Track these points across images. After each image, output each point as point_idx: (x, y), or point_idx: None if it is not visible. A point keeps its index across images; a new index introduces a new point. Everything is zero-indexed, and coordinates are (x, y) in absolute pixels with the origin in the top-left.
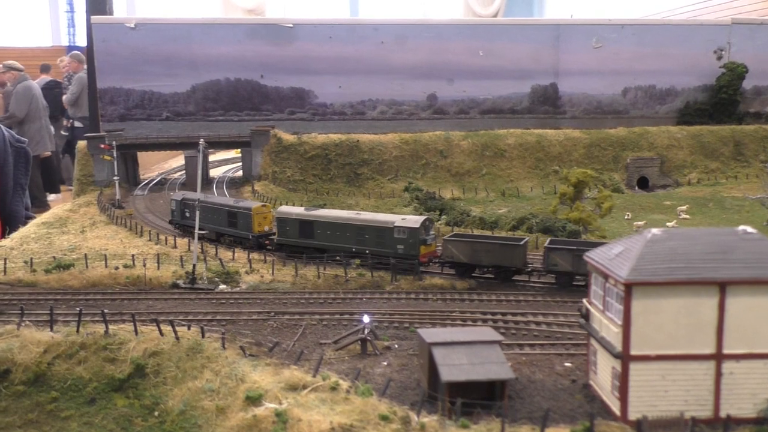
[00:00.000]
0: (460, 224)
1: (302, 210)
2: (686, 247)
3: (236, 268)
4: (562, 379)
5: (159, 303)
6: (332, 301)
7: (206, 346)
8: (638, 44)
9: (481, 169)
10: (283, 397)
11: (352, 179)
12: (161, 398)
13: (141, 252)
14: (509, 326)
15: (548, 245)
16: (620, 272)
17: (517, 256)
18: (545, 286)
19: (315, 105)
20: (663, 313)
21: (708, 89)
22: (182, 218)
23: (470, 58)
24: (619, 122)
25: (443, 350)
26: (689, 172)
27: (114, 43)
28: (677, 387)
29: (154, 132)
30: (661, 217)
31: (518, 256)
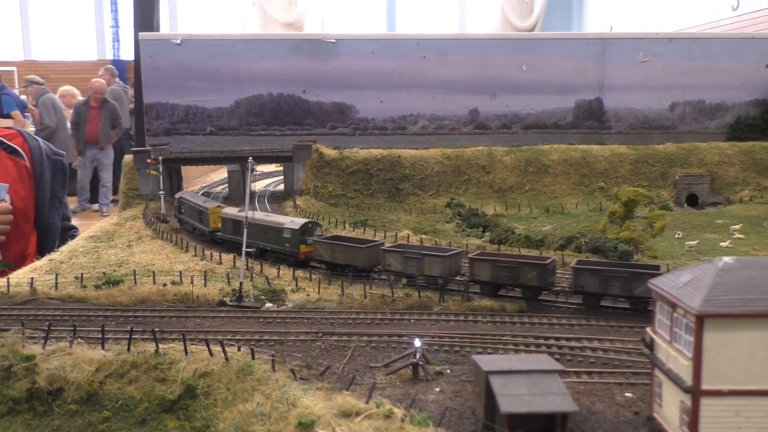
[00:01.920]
0: (504, 242)
1: (236, 211)
2: (762, 277)
3: (282, 286)
4: (623, 410)
5: (207, 321)
6: (379, 322)
7: (256, 368)
8: (686, 58)
9: (525, 185)
10: (336, 424)
11: (393, 194)
12: (212, 421)
13: (187, 268)
14: (564, 351)
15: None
16: (691, 303)
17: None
18: (572, 306)
19: (356, 120)
20: (737, 347)
21: (760, 104)
22: (179, 213)
23: (513, 73)
24: (667, 138)
25: (501, 379)
26: (741, 190)
27: (160, 58)
28: (751, 424)
29: (197, 146)
30: (713, 237)
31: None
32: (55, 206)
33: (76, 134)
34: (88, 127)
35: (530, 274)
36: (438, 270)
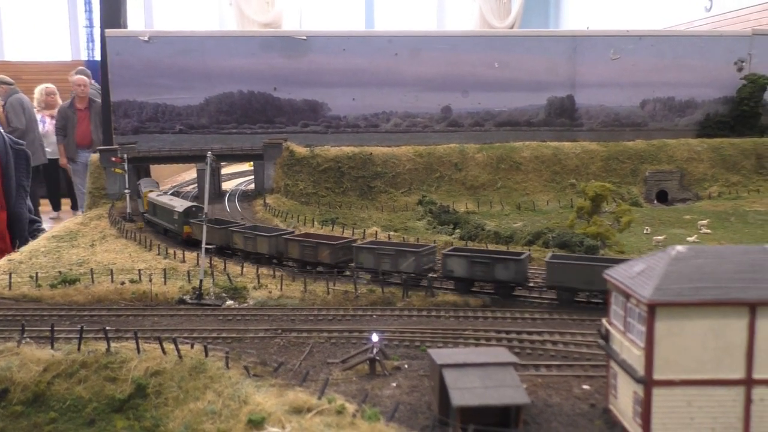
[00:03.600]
0: (474, 238)
1: (154, 195)
2: (714, 265)
3: (244, 283)
4: (580, 403)
5: (164, 319)
6: (341, 318)
7: (209, 365)
8: (657, 55)
9: (497, 182)
10: (286, 421)
11: (365, 192)
12: (162, 420)
13: (149, 266)
14: (524, 345)
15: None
16: (643, 292)
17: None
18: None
19: (328, 117)
20: (689, 336)
21: (729, 101)
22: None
23: (485, 70)
24: (638, 135)
25: (455, 372)
26: (710, 186)
27: (128, 56)
28: (703, 414)
29: (167, 145)
30: (681, 232)
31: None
32: (21, 195)
33: (64, 140)
34: (78, 130)
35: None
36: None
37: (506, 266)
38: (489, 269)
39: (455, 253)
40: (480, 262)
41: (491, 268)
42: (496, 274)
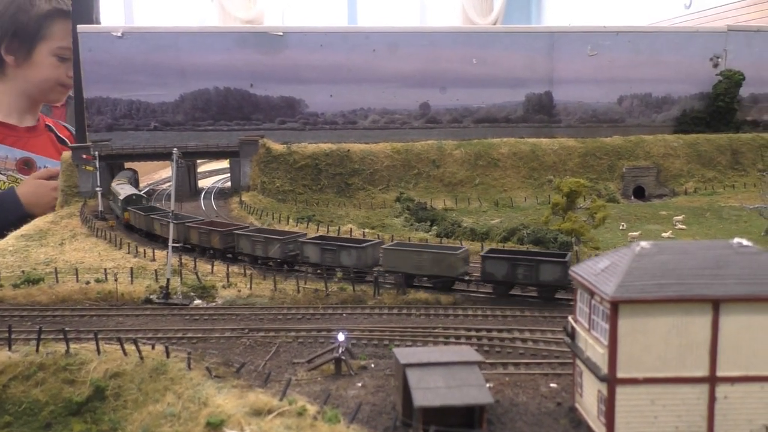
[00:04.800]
0: (451, 235)
1: (115, 183)
2: (677, 261)
3: (213, 282)
4: (546, 401)
5: (129, 320)
6: (311, 317)
7: (171, 366)
8: (633, 52)
9: (474, 178)
10: (246, 423)
11: (342, 189)
12: (120, 423)
13: (118, 265)
14: (494, 343)
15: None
16: (606, 289)
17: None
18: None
19: (306, 114)
20: (652, 333)
21: (704, 97)
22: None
23: (463, 67)
24: (615, 131)
25: (418, 372)
26: (686, 182)
27: (101, 52)
28: (667, 412)
29: (141, 142)
30: (656, 228)
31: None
32: None
33: None
34: None
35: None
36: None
37: (351, 254)
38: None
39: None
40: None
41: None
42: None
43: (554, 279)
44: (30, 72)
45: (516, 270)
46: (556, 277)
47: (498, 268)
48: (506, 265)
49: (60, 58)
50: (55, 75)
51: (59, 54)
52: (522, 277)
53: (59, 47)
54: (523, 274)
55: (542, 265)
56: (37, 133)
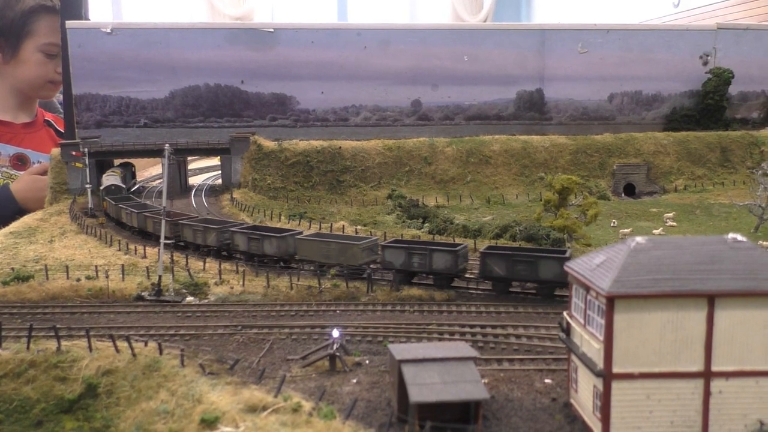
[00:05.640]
0: (443, 232)
1: (105, 175)
2: (672, 256)
3: (205, 279)
4: (541, 397)
5: (121, 317)
6: (304, 314)
7: (164, 363)
8: (624, 49)
9: (466, 176)
10: (240, 420)
11: (334, 186)
12: (112, 421)
13: (108, 262)
14: (488, 339)
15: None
16: (602, 284)
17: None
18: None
19: (297, 111)
20: (647, 328)
21: (694, 95)
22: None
23: (455, 64)
24: (606, 128)
25: (413, 368)
26: (676, 179)
27: (90, 48)
28: (663, 407)
29: (131, 139)
30: (647, 225)
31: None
32: None
33: None
34: None
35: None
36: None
37: (272, 243)
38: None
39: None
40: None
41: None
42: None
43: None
44: (18, 69)
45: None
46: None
47: (394, 257)
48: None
49: (47, 55)
50: (43, 72)
51: (46, 51)
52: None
53: (45, 44)
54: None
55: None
56: (35, 128)
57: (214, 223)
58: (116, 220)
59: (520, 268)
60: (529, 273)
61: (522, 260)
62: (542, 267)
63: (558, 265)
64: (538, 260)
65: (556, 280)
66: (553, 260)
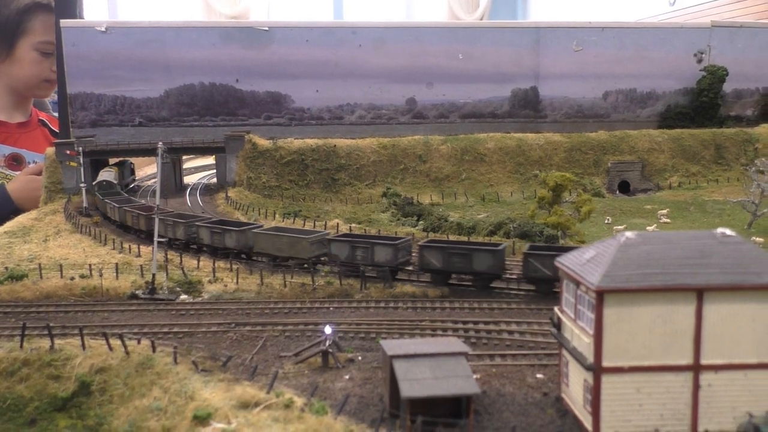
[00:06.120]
0: (438, 230)
1: (102, 170)
2: (662, 251)
3: (199, 277)
4: (533, 392)
5: (115, 315)
6: (297, 311)
7: (157, 360)
8: (619, 47)
9: (461, 173)
10: (233, 416)
11: (329, 185)
12: (106, 418)
13: (102, 261)
14: (481, 336)
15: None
16: (591, 279)
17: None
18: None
19: (292, 110)
20: (637, 322)
21: (689, 93)
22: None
23: (450, 62)
24: (600, 126)
25: (405, 363)
26: (670, 176)
27: (84, 47)
28: (652, 400)
29: (126, 138)
30: (641, 221)
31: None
32: None
33: None
34: None
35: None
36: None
37: (232, 236)
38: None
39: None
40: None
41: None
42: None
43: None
44: (13, 68)
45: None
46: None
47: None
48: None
49: (42, 53)
50: (38, 70)
51: (41, 49)
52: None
53: (41, 42)
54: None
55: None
56: (30, 128)
57: (182, 218)
58: (104, 214)
59: (456, 261)
60: (464, 265)
61: (457, 253)
62: (476, 259)
63: (491, 257)
64: (472, 253)
65: (490, 272)
66: (486, 253)
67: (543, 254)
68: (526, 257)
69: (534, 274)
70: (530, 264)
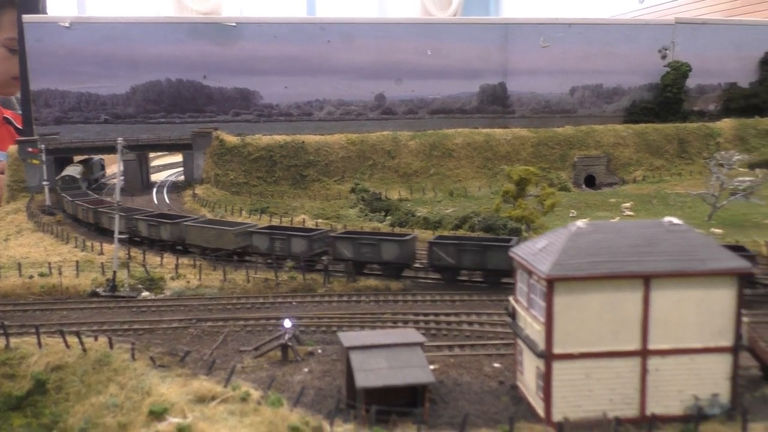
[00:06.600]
0: (405, 224)
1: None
2: (611, 240)
3: (162, 274)
4: (489, 380)
5: (74, 313)
6: (260, 306)
7: (114, 357)
8: (585, 43)
9: (429, 169)
10: (189, 411)
11: (297, 181)
12: (61, 416)
13: (64, 259)
14: (441, 327)
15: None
16: (542, 267)
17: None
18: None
19: (260, 106)
20: (587, 309)
21: (653, 88)
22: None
23: (419, 58)
24: (567, 121)
25: (361, 354)
26: (635, 170)
27: (48, 42)
28: (602, 386)
29: (92, 135)
30: (606, 214)
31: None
32: None
33: None
34: None
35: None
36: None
37: (167, 228)
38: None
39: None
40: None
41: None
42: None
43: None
44: None
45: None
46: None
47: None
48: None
49: (10, 50)
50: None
51: (9, 45)
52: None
53: (8, 38)
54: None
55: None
56: None
57: (123, 211)
58: (62, 208)
59: (366, 251)
60: (374, 255)
61: (366, 243)
62: (384, 249)
63: (398, 247)
64: (381, 243)
65: (398, 261)
66: (393, 243)
67: (446, 243)
68: (430, 246)
69: (438, 263)
70: (434, 253)
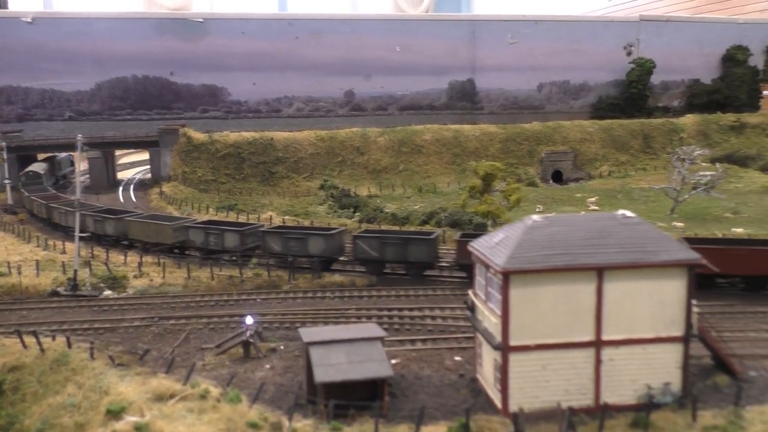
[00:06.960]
0: (373, 221)
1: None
2: (565, 233)
3: (125, 272)
4: (450, 374)
5: (33, 313)
6: (224, 304)
7: (73, 357)
8: (552, 40)
9: (398, 165)
10: (147, 409)
11: (266, 178)
12: (18, 417)
13: (25, 259)
14: (404, 321)
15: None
16: (498, 260)
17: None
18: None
19: (229, 103)
20: (542, 302)
21: (619, 84)
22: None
23: (387, 54)
24: (536, 117)
25: (321, 350)
26: (601, 165)
27: (9, 38)
28: (558, 377)
29: (56, 133)
30: (571, 209)
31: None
32: None
33: None
34: None
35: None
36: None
37: (111, 223)
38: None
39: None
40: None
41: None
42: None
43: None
44: None
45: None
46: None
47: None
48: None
49: None
50: None
51: None
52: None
53: None
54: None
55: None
56: None
57: (74, 208)
58: (23, 205)
59: (293, 245)
60: (301, 249)
61: (294, 238)
62: (311, 244)
63: (323, 241)
64: (308, 238)
65: (324, 255)
66: (319, 237)
67: (369, 237)
68: (354, 240)
69: (362, 256)
70: (358, 246)
